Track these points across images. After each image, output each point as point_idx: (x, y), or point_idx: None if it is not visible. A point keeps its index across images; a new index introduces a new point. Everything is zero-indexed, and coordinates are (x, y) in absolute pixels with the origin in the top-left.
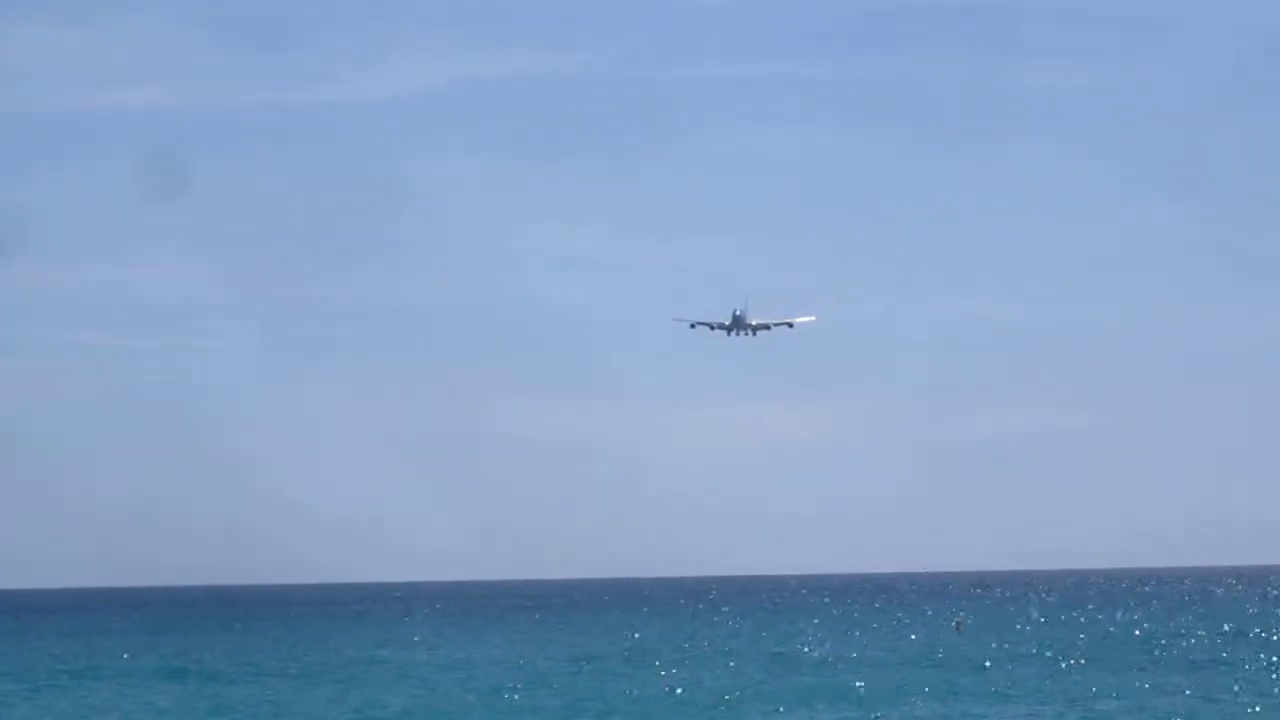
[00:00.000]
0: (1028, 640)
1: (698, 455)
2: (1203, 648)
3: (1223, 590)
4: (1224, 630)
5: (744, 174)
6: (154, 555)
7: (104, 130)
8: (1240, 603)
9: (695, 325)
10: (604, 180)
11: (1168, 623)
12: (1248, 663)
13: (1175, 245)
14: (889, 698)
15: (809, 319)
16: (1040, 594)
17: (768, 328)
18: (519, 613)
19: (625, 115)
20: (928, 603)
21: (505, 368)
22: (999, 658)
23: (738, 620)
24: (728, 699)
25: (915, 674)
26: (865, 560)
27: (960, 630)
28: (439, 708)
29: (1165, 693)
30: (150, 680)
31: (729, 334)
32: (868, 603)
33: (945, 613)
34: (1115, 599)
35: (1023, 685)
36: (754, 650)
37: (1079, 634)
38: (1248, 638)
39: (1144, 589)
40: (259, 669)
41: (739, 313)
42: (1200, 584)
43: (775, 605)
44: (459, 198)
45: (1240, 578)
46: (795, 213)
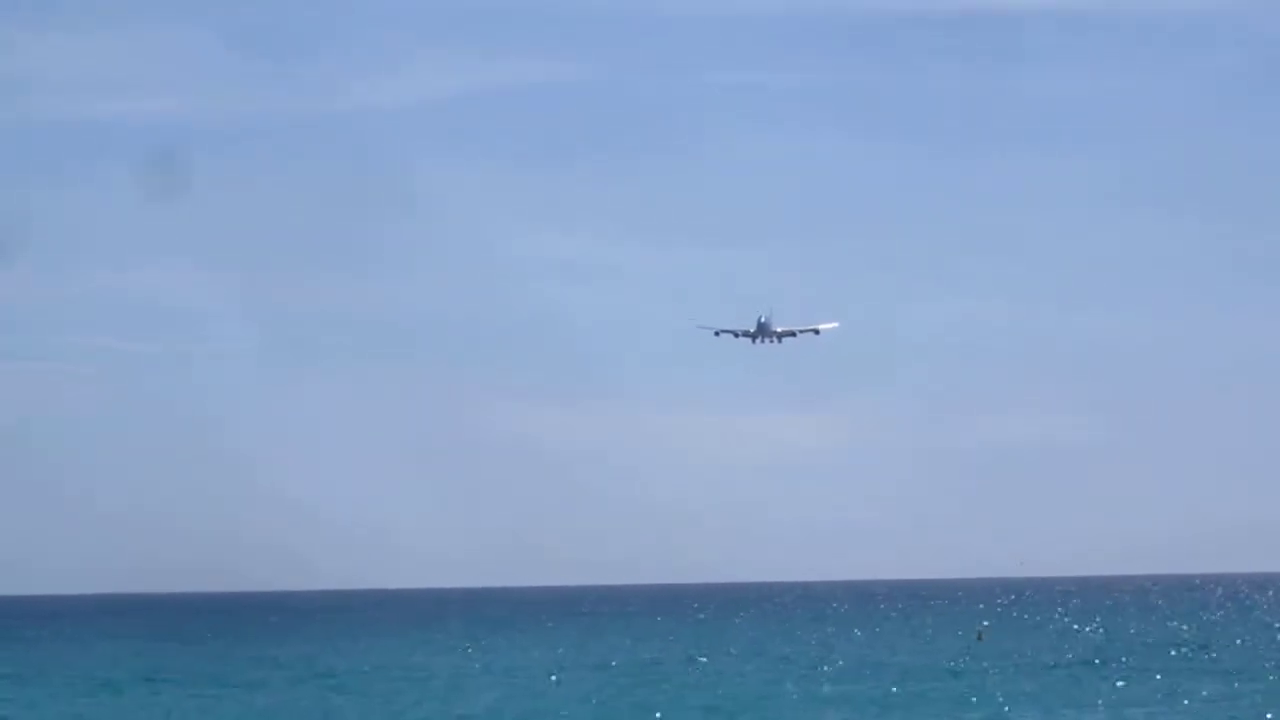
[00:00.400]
0: (1063, 648)
1: (700, 461)
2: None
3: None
4: None
5: (745, 181)
6: (155, 561)
7: (111, 137)
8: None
9: (720, 333)
10: (606, 187)
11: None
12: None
13: (1175, 251)
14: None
15: (833, 325)
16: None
17: (794, 334)
18: (545, 619)
19: (627, 123)
20: (950, 610)
21: (507, 374)
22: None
23: (784, 626)
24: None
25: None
26: (871, 567)
27: (982, 639)
28: (556, 711)
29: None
30: (228, 688)
31: (754, 341)
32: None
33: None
34: (1130, 606)
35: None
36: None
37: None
38: None
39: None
40: (333, 672)
41: (764, 320)
42: (1230, 590)
43: (794, 611)
44: (462, 205)
45: (1250, 584)
46: (796, 220)
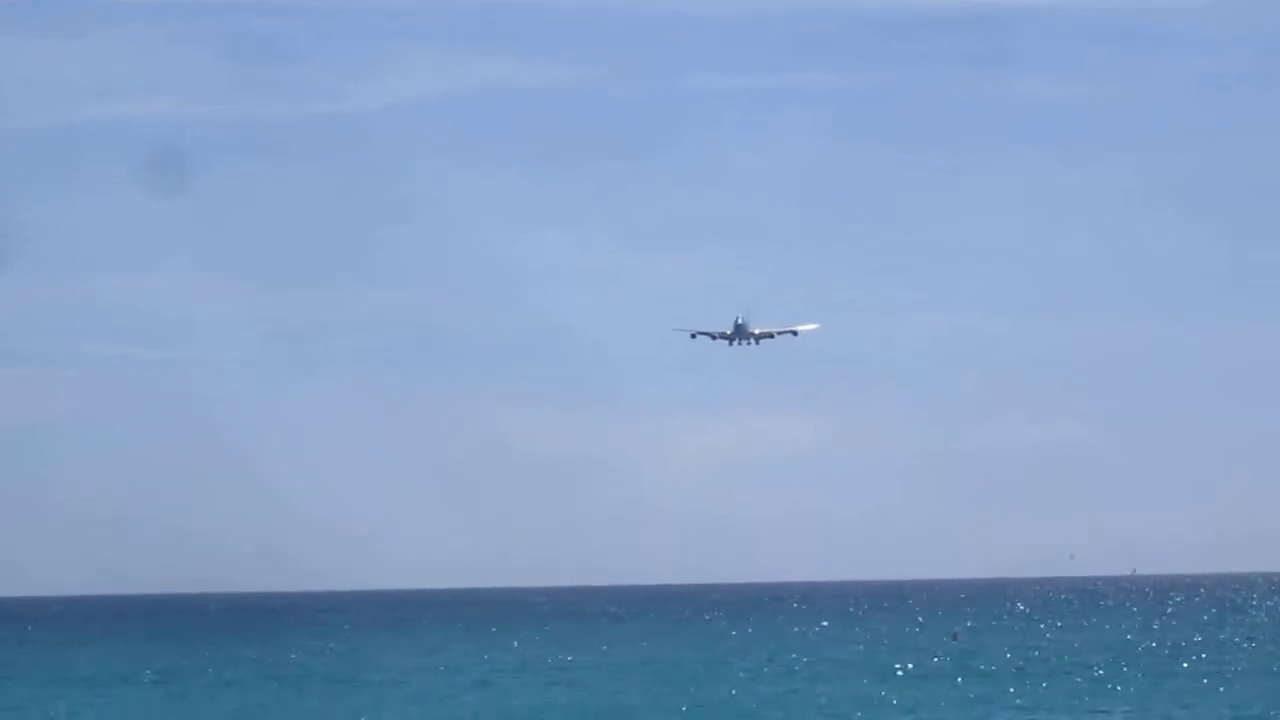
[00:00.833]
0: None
1: (698, 464)
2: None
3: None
4: None
5: (743, 186)
6: (156, 564)
7: (106, 142)
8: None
9: (696, 335)
10: (606, 191)
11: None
12: None
13: (1173, 256)
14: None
15: (812, 326)
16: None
17: (771, 336)
18: (555, 620)
19: (628, 127)
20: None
21: (503, 378)
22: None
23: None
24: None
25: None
26: (864, 568)
27: (957, 639)
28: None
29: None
30: (265, 686)
31: (730, 343)
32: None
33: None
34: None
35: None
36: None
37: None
38: None
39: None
40: (388, 674)
41: (741, 321)
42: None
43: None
44: (462, 209)
45: (1244, 584)
46: (795, 224)
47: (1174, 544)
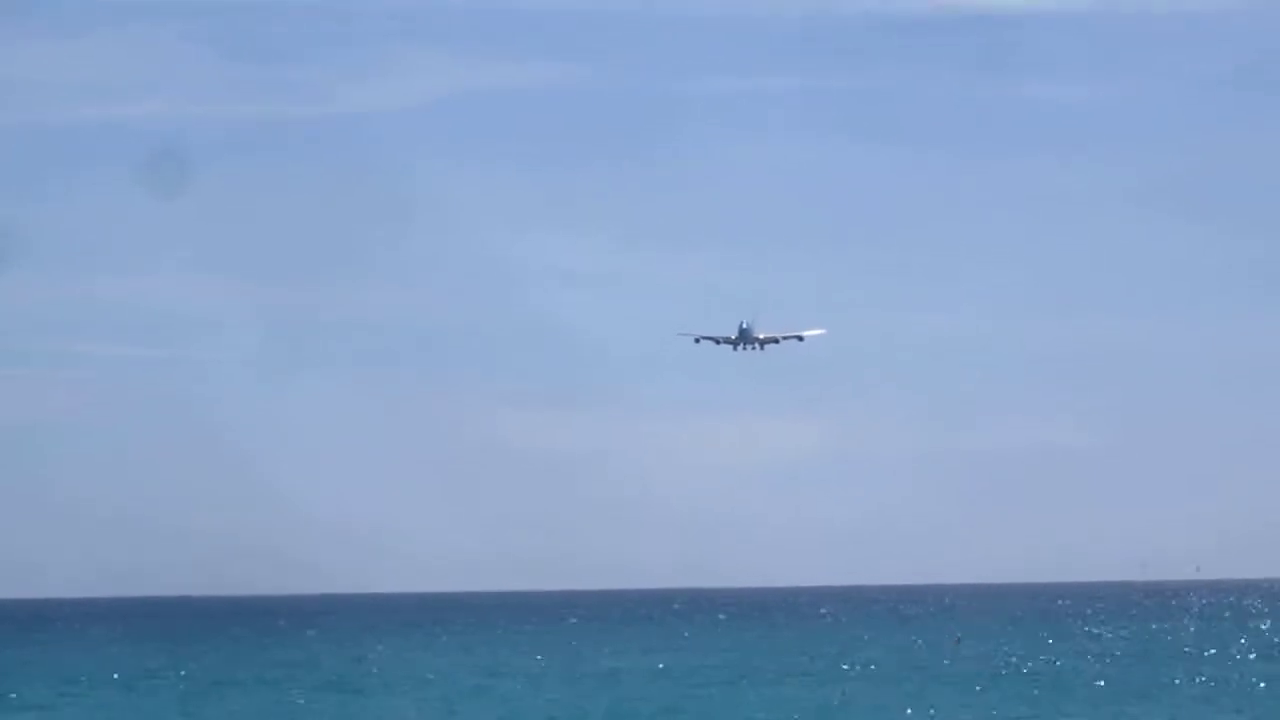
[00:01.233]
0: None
1: (700, 466)
2: None
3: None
4: None
5: (744, 187)
6: (157, 565)
7: (106, 142)
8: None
9: (700, 339)
10: (607, 193)
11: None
12: None
13: (1175, 256)
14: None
15: (818, 332)
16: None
17: (776, 341)
18: (563, 623)
19: (628, 128)
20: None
21: (506, 378)
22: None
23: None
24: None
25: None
26: (866, 572)
27: (959, 644)
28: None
29: None
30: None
31: (735, 348)
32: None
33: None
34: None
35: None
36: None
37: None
38: None
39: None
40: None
41: (746, 326)
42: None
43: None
44: (463, 210)
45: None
46: (796, 225)
47: (1177, 546)
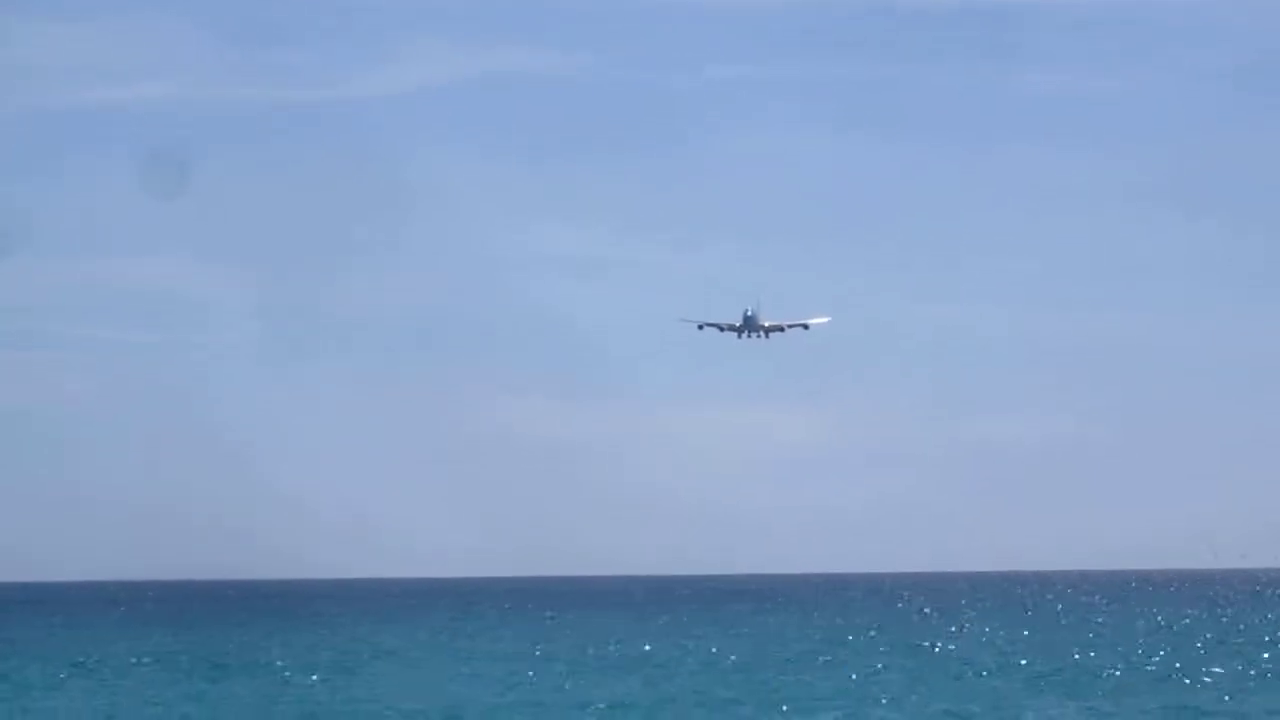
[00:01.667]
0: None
1: (700, 455)
2: None
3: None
4: None
5: (747, 177)
6: (154, 549)
7: (107, 126)
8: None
9: (704, 326)
10: (607, 182)
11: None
12: None
13: (1178, 251)
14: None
15: (823, 320)
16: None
17: (781, 329)
18: (576, 610)
19: (629, 117)
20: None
21: (507, 368)
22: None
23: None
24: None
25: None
26: (869, 560)
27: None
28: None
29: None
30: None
31: (740, 335)
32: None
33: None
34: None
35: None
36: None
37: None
38: None
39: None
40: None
41: (750, 313)
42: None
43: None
44: (462, 198)
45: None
46: (799, 216)
47: (1175, 538)
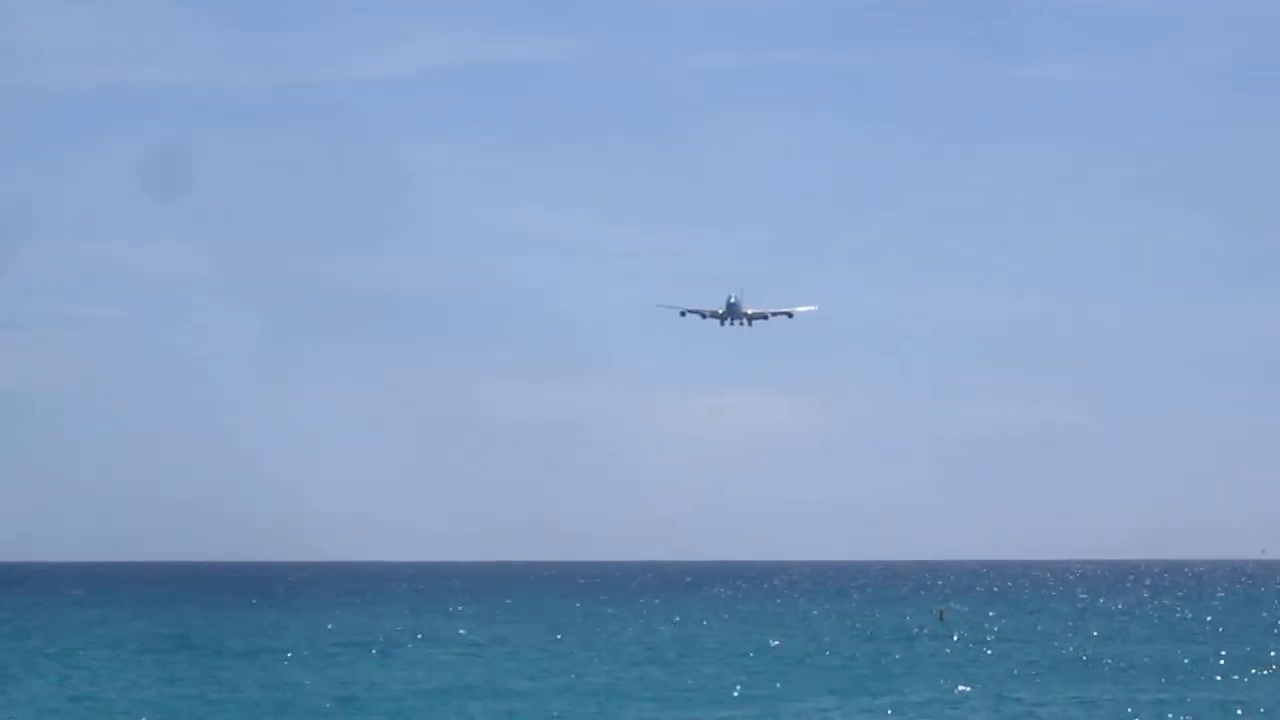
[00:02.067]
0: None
1: (687, 441)
2: None
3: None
4: None
5: (738, 163)
6: (146, 531)
7: (103, 109)
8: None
9: (685, 313)
10: (595, 166)
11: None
12: None
13: (1176, 243)
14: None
15: (809, 308)
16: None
17: (765, 317)
18: (570, 596)
19: (618, 102)
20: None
21: (493, 351)
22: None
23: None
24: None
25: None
26: (855, 548)
27: (943, 619)
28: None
29: None
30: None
31: (722, 323)
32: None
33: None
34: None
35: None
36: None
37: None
38: None
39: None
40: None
41: (734, 300)
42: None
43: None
44: (449, 181)
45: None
46: (790, 203)
47: (1177, 530)
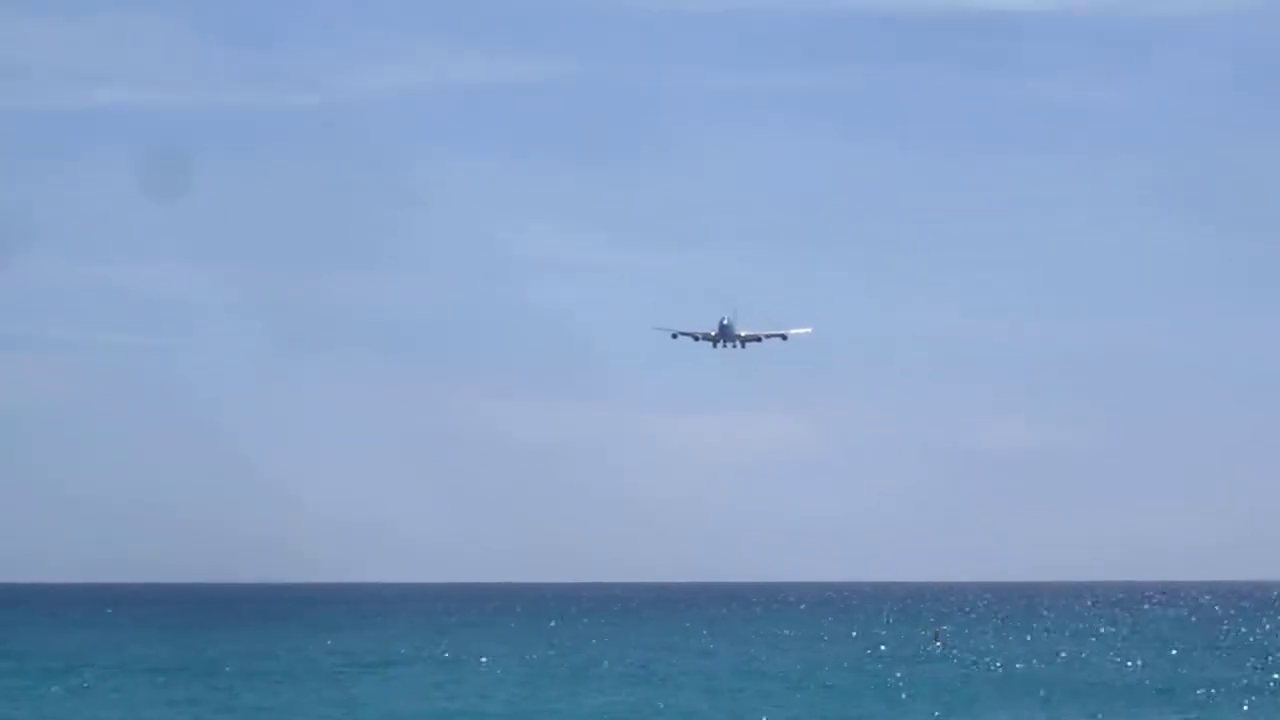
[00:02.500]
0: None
1: (688, 462)
2: None
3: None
4: None
5: (739, 183)
6: (149, 552)
7: (101, 128)
8: None
9: (677, 335)
10: (598, 187)
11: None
12: None
13: (1174, 260)
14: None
15: (804, 330)
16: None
17: (758, 339)
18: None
19: (621, 122)
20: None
21: (495, 371)
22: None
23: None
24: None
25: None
26: (851, 569)
27: (940, 641)
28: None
29: None
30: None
31: (715, 345)
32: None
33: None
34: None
35: None
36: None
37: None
38: None
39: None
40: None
41: (726, 322)
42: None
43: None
44: (452, 201)
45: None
46: (790, 223)
47: (1177, 549)
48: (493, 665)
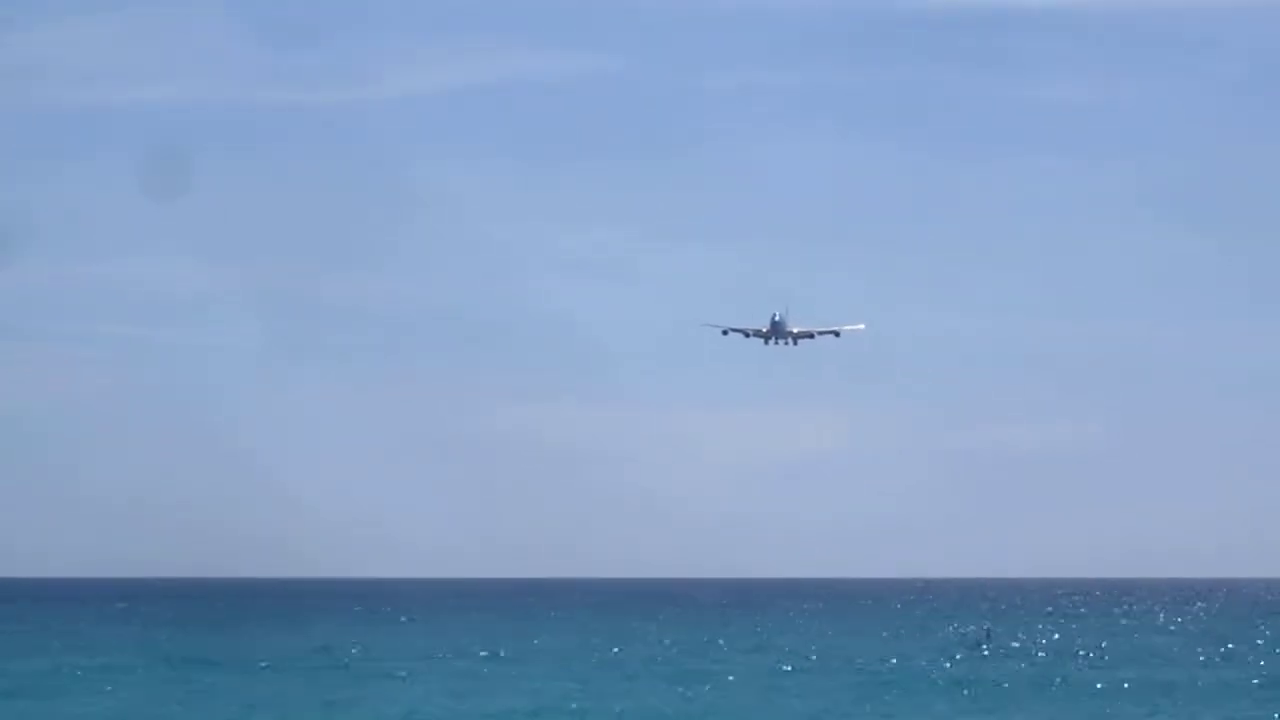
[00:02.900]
0: None
1: (708, 460)
2: None
3: None
4: None
5: (759, 182)
6: (156, 548)
7: (117, 125)
8: None
9: (728, 332)
10: (625, 185)
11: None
12: None
13: (1174, 259)
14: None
15: (859, 327)
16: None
17: (811, 336)
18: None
19: (642, 121)
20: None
21: (514, 370)
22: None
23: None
24: None
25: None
26: (877, 566)
27: (989, 639)
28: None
29: None
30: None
31: (766, 342)
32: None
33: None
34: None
35: None
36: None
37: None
38: None
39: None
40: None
41: (778, 319)
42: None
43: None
44: (477, 199)
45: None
46: (809, 223)
47: (1186, 546)
48: (515, 662)
